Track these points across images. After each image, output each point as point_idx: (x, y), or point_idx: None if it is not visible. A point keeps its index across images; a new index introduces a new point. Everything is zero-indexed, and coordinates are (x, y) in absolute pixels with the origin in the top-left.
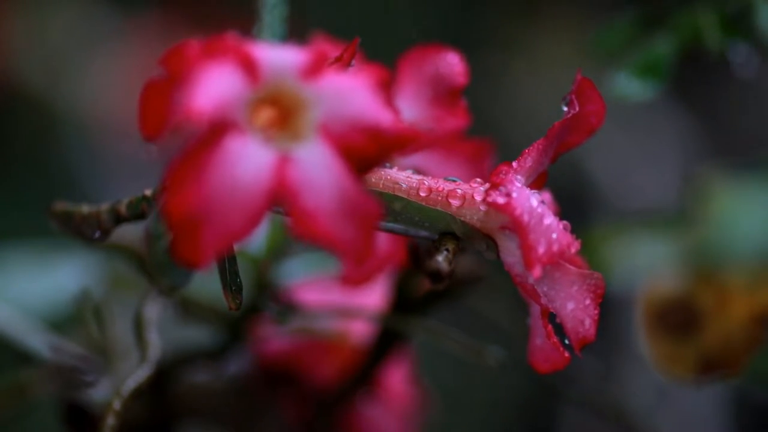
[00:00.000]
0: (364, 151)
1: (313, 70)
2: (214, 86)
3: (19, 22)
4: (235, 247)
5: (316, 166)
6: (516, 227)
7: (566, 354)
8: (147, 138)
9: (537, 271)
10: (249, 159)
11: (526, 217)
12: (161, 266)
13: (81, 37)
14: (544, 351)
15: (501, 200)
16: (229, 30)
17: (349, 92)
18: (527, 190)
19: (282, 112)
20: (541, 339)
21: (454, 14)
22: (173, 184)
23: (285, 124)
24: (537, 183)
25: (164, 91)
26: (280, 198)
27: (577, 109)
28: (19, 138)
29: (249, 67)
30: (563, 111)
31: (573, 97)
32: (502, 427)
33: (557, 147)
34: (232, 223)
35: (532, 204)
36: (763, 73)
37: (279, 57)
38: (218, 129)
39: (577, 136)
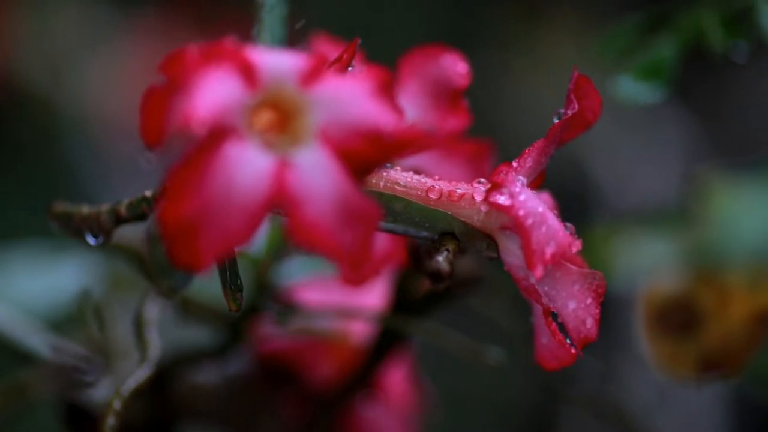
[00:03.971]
0: (363, 154)
1: (313, 74)
2: (213, 92)
3: (22, 21)
4: (236, 249)
5: (316, 171)
6: (518, 228)
7: (573, 350)
8: (149, 145)
9: (539, 272)
10: (248, 164)
11: (528, 219)
12: (161, 268)
13: (83, 37)
14: (551, 349)
15: (503, 201)
16: (229, 33)
17: (349, 96)
18: (528, 191)
19: (281, 117)
20: (546, 337)
21: (456, 15)
22: (172, 190)
23: (284, 129)
24: (535, 182)
25: (165, 98)
26: (279, 203)
27: (577, 107)
28: (21, 137)
29: (248, 73)
30: (560, 118)
31: (571, 94)
32: (502, 427)
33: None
34: (231, 227)
35: (534, 204)
36: (764, 73)
37: (278, 62)
38: (217, 134)
39: (573, 131)
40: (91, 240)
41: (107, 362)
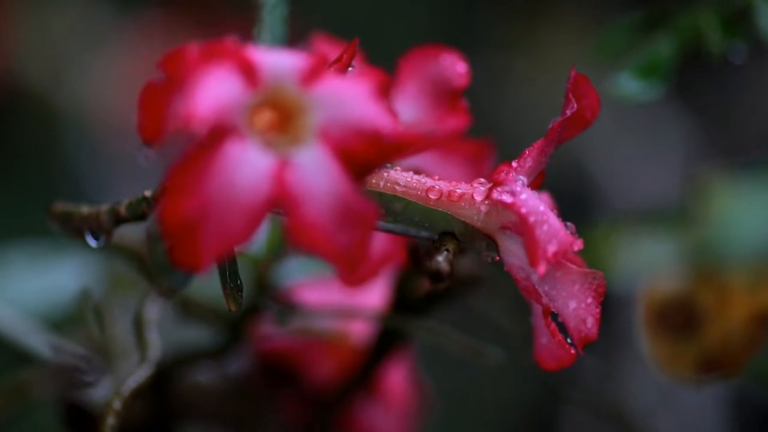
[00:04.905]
0: (363, 155)
1: (313, 74)
2: (214, 91)
3: (22, 21)
4: (235, 249)
5: (315, 171)
6: (522, 225)
7: (572, 351)
8: (146, 141)
9: (542, 268)
10: (248, 163)
11: (531, 216)
12: (161, 268)
13: (83, 37)
14: (550, 349)
15: (507, 198)
16: (229, 32)
17: (349, 97)
18: (529, 190)
19: (282, 116)
20: (546, 338)
21: (457, 15)
22: (172, 190)
23: (285, 128)
24: (535, 182)
25: (163, 94)
26: (279, 202)
27: (575, 106)
28: (21, 137)
29: (248, 72)
30: (558, 117)
31: (569, 94)
32: (502, 427)
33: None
34: (231, 227)
35: (535, 203)
36: (763, 73)
37: (278, 61)
38: (218, 134)
39: (572, 131)
40: (91, 241)
41: (107, 362)
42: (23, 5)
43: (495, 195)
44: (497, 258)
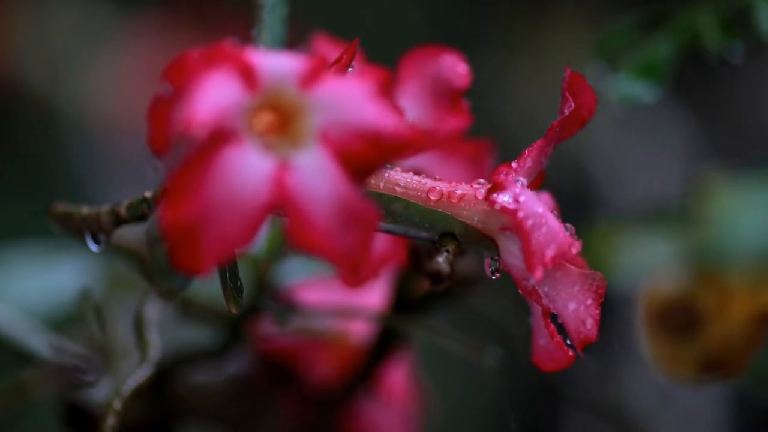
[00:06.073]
0: (363, 156)
1: (312, 76)
2: (212, 95)
3: (21, 21)
4: (236, 252)
5: (315, 173)
6: (518, 230)
7: (570, 353)
8: (156, 153)
9: (539, 273)
10: (248, 167)
11: (528, 220)
12: (161, 269)
13: (82, 37)
14: (548, 350)
15: (503, 202)
16: (229, 33)
17: (349, 98)
18: (528, 192)
19: (281, 118)
20: (544, 339)
21: (457, 15)
22: (173, 194)
23: (284, 131)
24: (535, 182)
25: (170, 105)
26: (280, 205)
27: (572, 104)
28: (20, 137)
29: (247, 75)
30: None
31: (566, 93)
32: (502, 427)
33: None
34: (232, 230)
35: (534, 206)
36: (764, 73)
37: (277, 63)
38: (217, 137)
39: (570, 129)
40: (92, 245)
41: (107, 362)
42: (23, 5)
43: (492, 198)
44: (497, 269)
